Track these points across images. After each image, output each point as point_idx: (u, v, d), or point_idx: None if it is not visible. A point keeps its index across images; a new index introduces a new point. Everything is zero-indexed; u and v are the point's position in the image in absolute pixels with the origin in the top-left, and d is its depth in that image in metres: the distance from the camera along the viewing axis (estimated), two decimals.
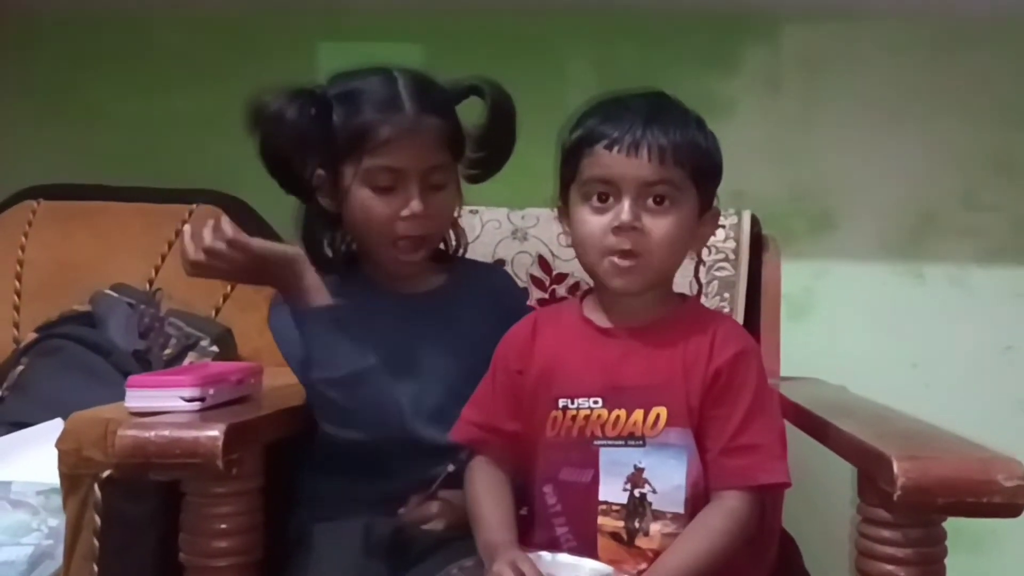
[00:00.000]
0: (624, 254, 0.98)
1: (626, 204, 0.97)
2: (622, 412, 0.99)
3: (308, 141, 1.08)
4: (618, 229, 0.98)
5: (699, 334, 1.02)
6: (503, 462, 1.07)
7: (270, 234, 1.76)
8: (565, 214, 1.05)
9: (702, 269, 1.45)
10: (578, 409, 1.01)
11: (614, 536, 0.99)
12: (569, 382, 1.02)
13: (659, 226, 0.98)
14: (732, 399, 0.98)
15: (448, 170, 1.14)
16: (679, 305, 1.06)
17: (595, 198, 0.99)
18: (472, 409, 1.08)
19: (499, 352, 1.09)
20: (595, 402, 1.00)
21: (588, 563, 0.96)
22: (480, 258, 1.41)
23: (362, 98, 1.10)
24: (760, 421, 0.99)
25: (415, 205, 1.09)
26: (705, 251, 1.44)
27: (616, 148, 0.97)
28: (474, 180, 1.19)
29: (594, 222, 0.99)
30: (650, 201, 0.98)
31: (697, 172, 1.00)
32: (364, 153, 1.08)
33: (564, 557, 0.97)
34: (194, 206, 1.75)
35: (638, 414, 0.99)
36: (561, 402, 1.02)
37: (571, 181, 1.02)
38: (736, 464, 0.97)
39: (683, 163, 0.98)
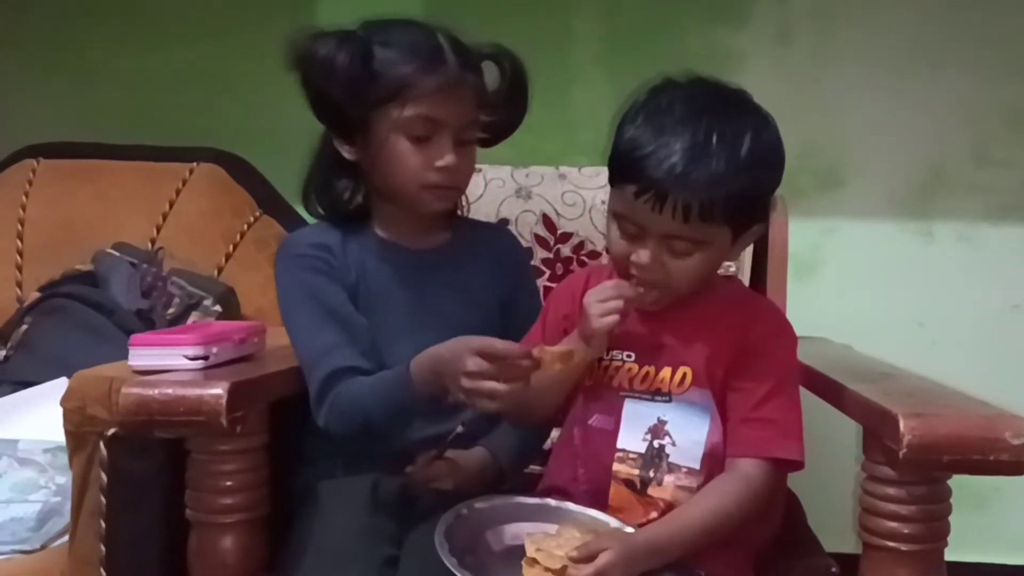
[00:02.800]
0: (643, 283, 0.99)
1: (648, 247, 0.97)
2: (651, 368, 1.02)
3: (357, 87, 1.08)
4: (637, 267, 0.98)
5: (737, 307, 1.04)
6: None
7: (270, 193, 1.76)
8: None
9: None
10: (611, 360, 1.03)
11: (627, 483, 1.00)
12: (609, 335, 1.03)
13: (681, 268, 0.98)
14: (760, 374, 1.00)
15: (477, 127, 1.15)
16: (723, 285, 1.08)
17: (624, 226, 0.99)
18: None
19: (552, 299, 1.14)
20: (628, 355, 1.03)
21: (601, 516, 0.98)
22: (484, 217, 1.40)
23: (404, 47, 1.09)
24: (782, 399, 1.00)
25: (450, 157, 1.10)
26: None
27: (642, 198, 0.94)
28: (484, 144, 1.19)
29: (621, 246, 1.00)
30: (673, 247, 0.97)
31: (730, 217, 0.96)
32: (406, 102, 1.08)
33: (578, 508, 0.99)
34: (195, 164, 1.74)
35: (666, 371, 1.01)
36: None
37: (612, 185, 1.01)
38: (754, 434, 0.99)
39: (712, 218, 0.95)
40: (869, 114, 1.81)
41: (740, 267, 1.44)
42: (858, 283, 1.81)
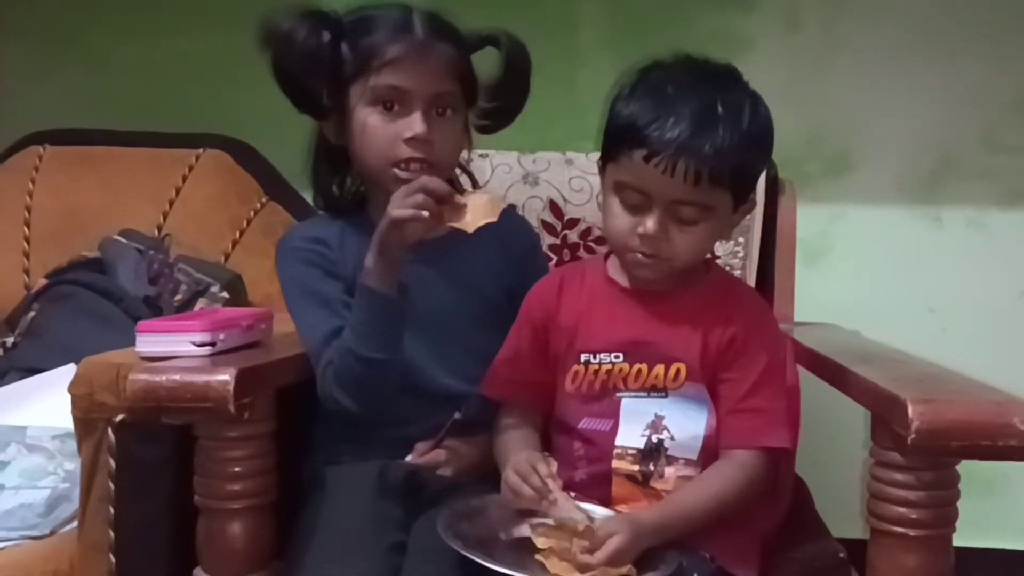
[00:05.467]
0: (647, 255, 0.99)
1: (655, 215, 0.96)
2: (643, 366, 1.01)
3: (317, 63, 1.08)
4: (643, 238, 0.97)
5: (719, 299, 1.04)
6: (532, 413, 1.09)
7: (276, 179, 1.76)
8: (602, 174, 1.03)
9: None
10: (600, 364, 1.03)
11: (629, 478, 1.01)
12: (592, 338, 1.04)
13: (686, 238, 0.98)
14: (745, 364, 1.00)
15: (455, 100, 1.12)
16: (703, 271, 1.07)
17: (627, 197, 0.98)
18: (502, 364, 1.10)
19: (525, 306, 1.11)
20: (616, 357, 1.02)
21: (599, 509, 0.98)
22: None
23: (374, 22, 1.10)
24: (769, 388, 1.01)
25: (417, 125, 1.08)
26: None
27: (653, 162, 0.94)
28: (486, 131, 1.19)
29: (623, 219, 0.99)
30: (680, 214, 0.97)
31: (735, 184, 0.97)
32: (371, 72, 1.08)
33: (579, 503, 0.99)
34: (201, 151, 1.73)
35: (659, 368, 1.01)
36: (583, 357, 1.04)
37: (608, 160, 1.00)
38: (743, 425, 1.00)
39: (721, 182, 0.95)
40: (878, 99, 1.79)
41: (748, 253, 1.43)
42: (867, 269, 1.81)
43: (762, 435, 0.99)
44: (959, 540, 0.95)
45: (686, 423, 1.00)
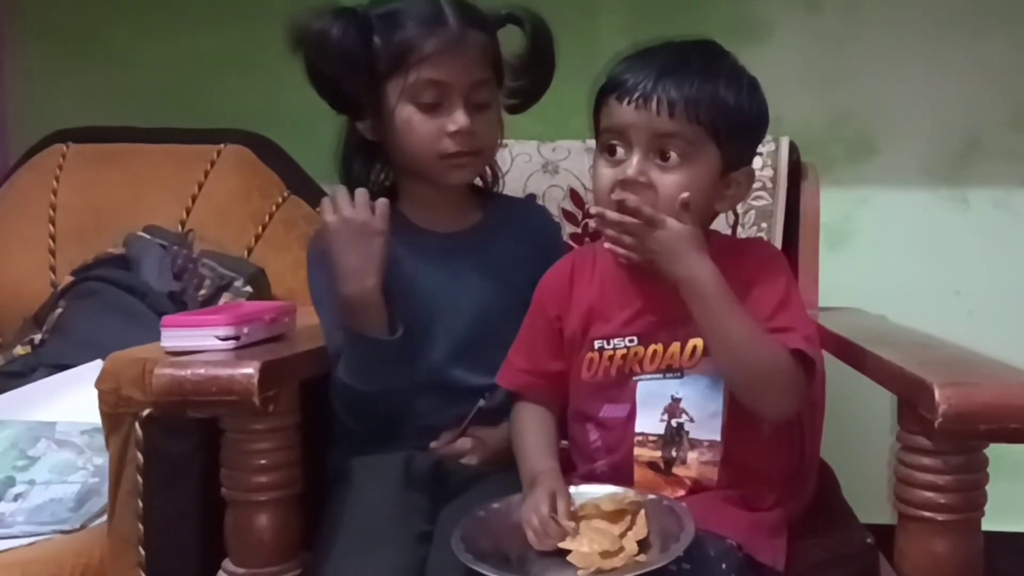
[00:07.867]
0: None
1: (634, 158, 0.96)
2: (659, 347, 1.01)
3: (353, 62, 1.07)
4: (623, 183, 0.96)
5: (726, 259, 1.01)
6: (548, 403, 1.09)
7: (297, 173, 1.76)
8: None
9: None
10: (615, 349, 1.02)
11: (651, 466, 1.00)
12: (605, 324, 1.03)
13: (667, 182, 0.96)
14: (762, 299, 0.98)
15: (491, 89, 1.13)
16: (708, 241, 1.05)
17: (608, 150, 0.98)
18: (517, 355, 1.10)
19: (537, 296, 1.10)
20: (631, 340, 1.01)
21: (608, 488, 0.98)
22: (511, 192, 1.39)
23: (404, 15, 1.09)
24: (790, 310, 0.98)
25: (460, 118, 1.08)
26: None
27: (627, 99, 0.96)
28: (514, 110, 1.18)
29: (606, 175, 0.98)
30: (661, 147, 0.96)
31: (717, 128, 0.96)
32: (409, 68, 1.07)
33: (594, 488, 0.98)
34: (223, 146, 1.74)
35: (675, 346, 1.00)
36: (597, 343, 1.03)
37: (595, 130, 1.01)
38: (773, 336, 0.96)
39: (697, 118, 0.95)
40: (902, 81, 1.77)
41: (771, 238, 1.42)
42: (892, 252, 1.79)
43: (793, 342, 0.95)
44: (988, 524, 0.94)
45: (703, 402, 0.99)
